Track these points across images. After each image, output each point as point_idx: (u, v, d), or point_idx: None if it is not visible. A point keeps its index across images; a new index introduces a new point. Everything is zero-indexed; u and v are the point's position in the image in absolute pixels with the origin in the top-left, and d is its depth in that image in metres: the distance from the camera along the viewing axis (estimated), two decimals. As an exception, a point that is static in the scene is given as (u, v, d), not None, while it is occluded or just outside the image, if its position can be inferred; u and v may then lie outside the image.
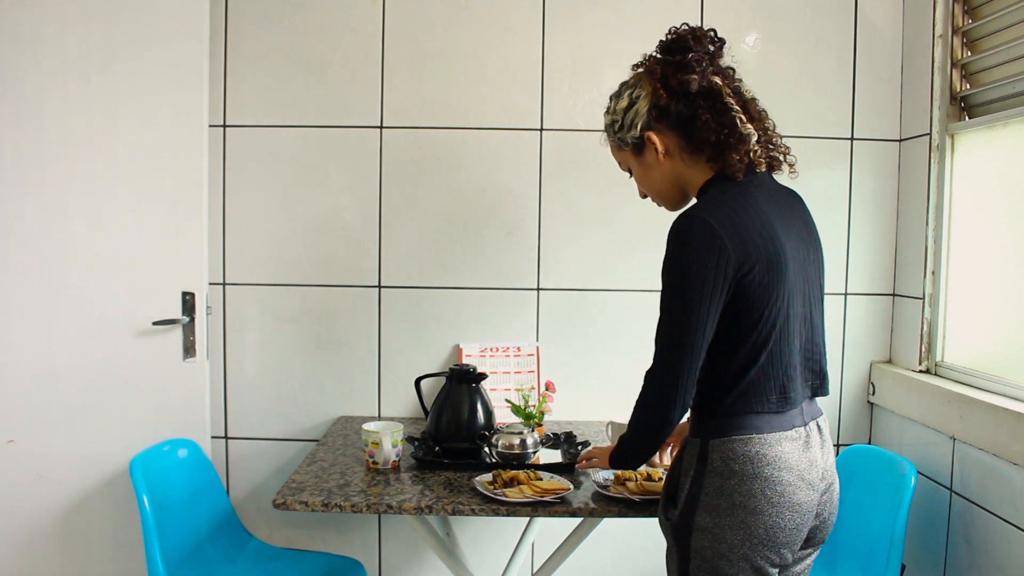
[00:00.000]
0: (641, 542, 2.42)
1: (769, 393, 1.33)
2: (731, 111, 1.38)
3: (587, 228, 2.41)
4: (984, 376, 2.01)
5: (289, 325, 2.42)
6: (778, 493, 1.30)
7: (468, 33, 2.37)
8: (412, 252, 2.41)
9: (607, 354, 2.42)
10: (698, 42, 1.41)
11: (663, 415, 1.33)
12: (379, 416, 2.44)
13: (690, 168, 1.44)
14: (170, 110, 2.19)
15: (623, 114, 1.47)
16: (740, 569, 1.30)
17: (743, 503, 1.30)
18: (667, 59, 1.43)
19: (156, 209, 2.21)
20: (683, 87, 1.39)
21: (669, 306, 1.32)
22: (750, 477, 1.30)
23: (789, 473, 1.31)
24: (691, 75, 1.39)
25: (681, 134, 1.42)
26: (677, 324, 1.30)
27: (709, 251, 1.27)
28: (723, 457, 1.32)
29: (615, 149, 1.55)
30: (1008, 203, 2.02)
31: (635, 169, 1.53)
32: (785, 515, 1.30)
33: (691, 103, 1.39)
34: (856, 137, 2.39)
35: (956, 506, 1.99)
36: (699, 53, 1.40)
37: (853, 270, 2.42)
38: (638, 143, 1.47)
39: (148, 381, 2.23)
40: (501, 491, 1.68)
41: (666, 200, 1.53)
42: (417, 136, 2.39)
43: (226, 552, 2.16)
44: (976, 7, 2.12)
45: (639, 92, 1.45)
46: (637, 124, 1.44)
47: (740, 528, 1.30)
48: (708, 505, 1.31)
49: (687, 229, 1.30)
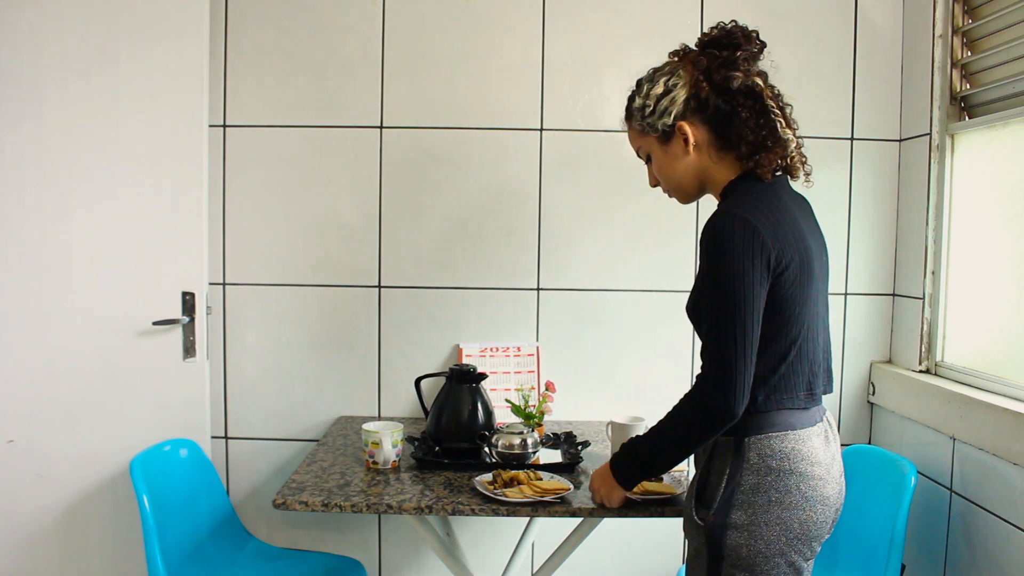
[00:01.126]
0: (641, 542, 2.42)
1: (799, 390, 1.36)
2: (771, 113, 1.38)
3: (587, 228, 2.41)
4: (984, 376, 2.01)
5: (289, 325, 2.42)
6: (811, 487, 1.32)
7: (468, 33, 2.37)
8: (412, 252, 2.41)
9: (607, 354, 2.42)
10: (747, 40, 1.41)
11: (729, 412, 1.30)
12: (379, 416, 2.44)
13: (716, 164, 1.43)
14: (170, 110, 2.19)
15: (657, 100, 1.43)
16: (775, 565, 1.31)
17: (779, 499, 1.31)
18: (713, 52, 1.41)
19: (156, 209, 2.21)
20: (726, 82, 1.39)
21: (722, 305, 1.30)
22: (787, 473, 1.32)
23: (819, 468, 1.34)
24: (736, 72, 1.39)
25: (714, 129, 1.41)
26: (733, 322, 1.28)
27: (754, 249, 1.28)
28: (760, 454, 1.33)
29: (636, 134, 1.51)
30: (1008, 203, 2.02)
31: (657, 157, 1.49)
32: (818, 509, 1.33)
33: (732, 99, 1.39)
34: (856, 137, 2.39)
35: (956, 506, 1.99)
36: (747, 52, 1.40)
37: (853, 270, 2.42)
38: (668, 132, 1.44)
39: (148, 381, 2.23)
40: (501, 491, 1.68)
41: (682, 192, 1.50)
42: (417, 136, 2.39)
43: (226, 552, 2.16)
44: (976, 7, 2.12)
45: (677, 80, 1.42)
46: (671, 112, 1.42)
47: (776, 524, 1.31)
48: (744, 503, 1.32)
49: (730, 228, 1.29)
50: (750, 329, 1.28)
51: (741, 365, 1.28)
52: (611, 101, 2.38)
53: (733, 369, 1.28)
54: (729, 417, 1.30)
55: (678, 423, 1.37)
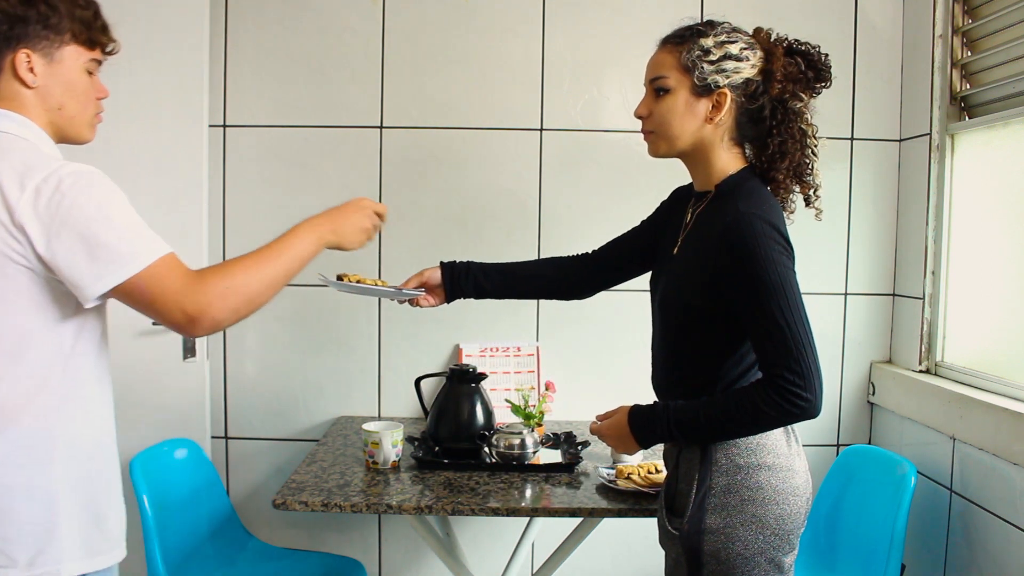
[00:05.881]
0: (641, 542, 2.42)
1: None
2: (809, 149, 1.39)
3: (587, 228, 2.40)
4: (984, 376, 2.01)
5: (289, 325, 2.42)
6: (781, 480, 1.32)
7: (468, 33, 2.37)
8: (412, 252, 2.41)
9: (607, 354, 2.42)
10: (829, 78, 1.40)
11: (816, 414, 1.26)
12: (379, 416, 2.44)
13: (718, 143, 1.38)
14: (170, 110, 2.19)
15: (724, 56, 1.34)
16: (756, 564, 1.30)
17: (752, 497, 1.30)
18: (799, 63, 1.38)
19: (156, 209, 2.20)
20: (790, 98, 1.37)
21: (782, 305, 1.25)
22: (755, 468, 1.31)
23: (785, 459, 1.33)
24: (804, 94, 1.38)
25: (739, 120, 1.38)
26: (803, 323, 1.26)
27: (783, 248, 1.29)
28: (727, 455, 1.32)
29: (673, 64, 1.37)
30: (1008, 203, 2.02)
31: (673, 99, 1.37)
32: (791, 500, 1.32)
33: (782, 115, 1.37)
34: (856, 137, 2.39)
35: (956, 506, 1.99)
36: (821, 87, 1.40)
37: (853, 270, 2.42)
38: (707, 88, 1.35)
39: (148, 381, 2.22)
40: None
41: (667, 144, 1.40)
42: (417, 136, 2.39)
43: (226, 552, 2.16)
44: (976, 7, 2.12)
45: (751, 56, 1.36)
46: (728, 76, 1.34)
47: (752, 523, 1.30)
48: (717, 506, 1.31)
49: (762, 231, 1.27)
50: (810, 329, 1.28)
51: (816, 366, 1.26)
52: (611, 101, 2.38)
53: (818, 372, 1.26)
54: (813, 418, 1.28)
55: (744, 409, 1.28)
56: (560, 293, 1.78)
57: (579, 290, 1.75)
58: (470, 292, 1.70)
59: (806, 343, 1.25)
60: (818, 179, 1.41)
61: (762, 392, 1.26)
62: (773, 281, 1.25)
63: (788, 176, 1.38)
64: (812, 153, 1.39)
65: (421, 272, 1.72)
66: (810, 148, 1.39)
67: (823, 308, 2.40)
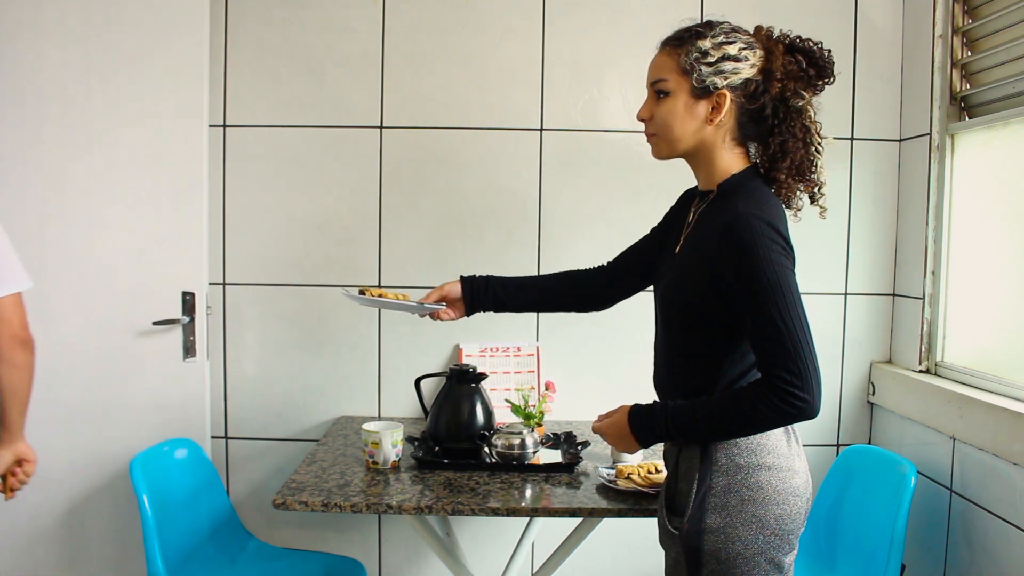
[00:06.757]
0: (641, 542, 2.42)
1: None
2: (814, 147, 1.38)
3: (587, 228, 2.41)
4: (984, 376, 2.01)
5: (289, 325, 2.42)
6: (781, 480, 1.32)
7: (468, 33, 2.37)
8: (412, 252, 2.41)
9: (607, 354, 2.42)
10: (832, 74, 1.39)
11: (815, 415, 1.26)
12: (379, 416, 2.44)
13: (720, 144, 1.39)
14: (170, 110, 2.19)
15: (722, 57, 1.34)
16: (756, 564, 1.30)
17: (752, 497, 1.30)
18: (799, 61, 1.37)
19: (156, 209, 2.21)
20: (792, 97, 1.36)
21: (780, 306, 1.25)
22: (755, 468, 1.31)
23: (785, 459, 1.33)
24: (805, 93, 1.37)
25: (741, 121, 1.38)
26: (801, 323, 1.26)
27: (783, 249, 1.29)
28: (727, 454, 1.32)
29: (672, 67, 1.38)
30: (1008, 203, 2.02)
31: (673, 102, 1.38)
32: (790, 501, 1.32)
33: (784, 114, 1.37)
34: (856, 137, 2.39)
35: (956, 506, 1.99)
36: (827, 83, 1.39)
37: (853, 270, 2.42)
38: (706, 90, 1.35)
39: (148, 381, 2.23)
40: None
41: (669, 147, 1.41)
42: (417, 136, 2.39)
43: (226, 552, 2.16)
44: (976, 7, 2.12)
45: (750, 56, 1.36)
46: (726, 77, 1.34)
47: (752, 523, 1.30)
48: (717, 505, 1.31)
49: (761, 231, 1.27)
50: (809, 329, 1.27)
51: (815, 366, 1.26)
52: (611, 101, 2.38)
53: (817, 373, 1.26)
54: (812, 419, 1.27)
55: (743, 409, 1.28)
56: (579, 306, 1.79)
57: (598, 302, 1.77)
58: (490, 306, 1.72)
59: (804, 344, 1.25)
60: (823, 176, 1.40)
61: (760, 392, 1.26)
62: (771, 281, 1.25)
63: (790, 175, 1.38)
64: (816, 151, 1.39)
65: (441, 286, 1.73)
66: (814, 146, 1.39)
67: (823, 308, 2.40)
